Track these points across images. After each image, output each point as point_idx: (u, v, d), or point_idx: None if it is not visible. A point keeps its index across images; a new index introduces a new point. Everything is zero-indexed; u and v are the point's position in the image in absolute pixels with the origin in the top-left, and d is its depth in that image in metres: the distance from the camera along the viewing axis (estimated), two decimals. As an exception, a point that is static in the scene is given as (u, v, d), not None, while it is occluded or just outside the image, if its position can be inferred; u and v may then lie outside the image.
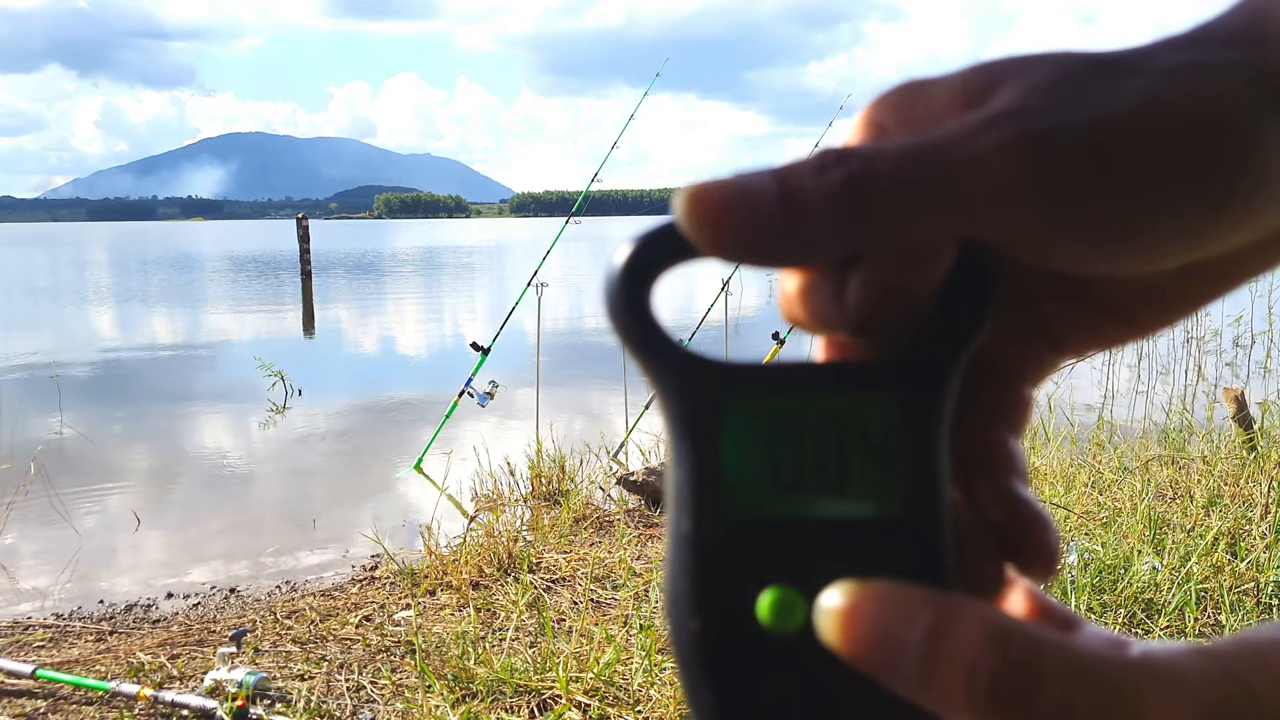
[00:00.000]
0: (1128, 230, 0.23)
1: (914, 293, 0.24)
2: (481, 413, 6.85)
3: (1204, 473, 4.69)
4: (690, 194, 0.23)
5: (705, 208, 0.23)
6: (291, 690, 3.12)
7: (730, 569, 0.24)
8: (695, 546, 0.24)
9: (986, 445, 0.27)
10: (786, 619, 0.24)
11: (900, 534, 0.24)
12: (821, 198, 0.22)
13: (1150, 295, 0.26)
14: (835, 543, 0.24)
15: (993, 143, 0.22)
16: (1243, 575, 3.49)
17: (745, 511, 0.24)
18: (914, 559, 0.24)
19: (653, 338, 0.25)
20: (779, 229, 0.23)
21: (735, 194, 0.23)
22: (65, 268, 37.94)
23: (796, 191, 0.23)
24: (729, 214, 0.23)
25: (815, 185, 0.22)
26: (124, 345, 13.70)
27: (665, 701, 2.79)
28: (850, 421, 0.25)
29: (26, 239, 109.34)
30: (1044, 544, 0.26)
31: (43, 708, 3.09)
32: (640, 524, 4.86)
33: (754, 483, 0.24)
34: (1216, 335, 10.07)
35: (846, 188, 0.22)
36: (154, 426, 8.32)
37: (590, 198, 7.05)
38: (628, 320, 0.25)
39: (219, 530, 5.52)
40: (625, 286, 0.24)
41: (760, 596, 0.24)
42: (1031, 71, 0.23)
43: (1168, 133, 0.22)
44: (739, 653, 0.24)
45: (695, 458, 0.24)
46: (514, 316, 6.72)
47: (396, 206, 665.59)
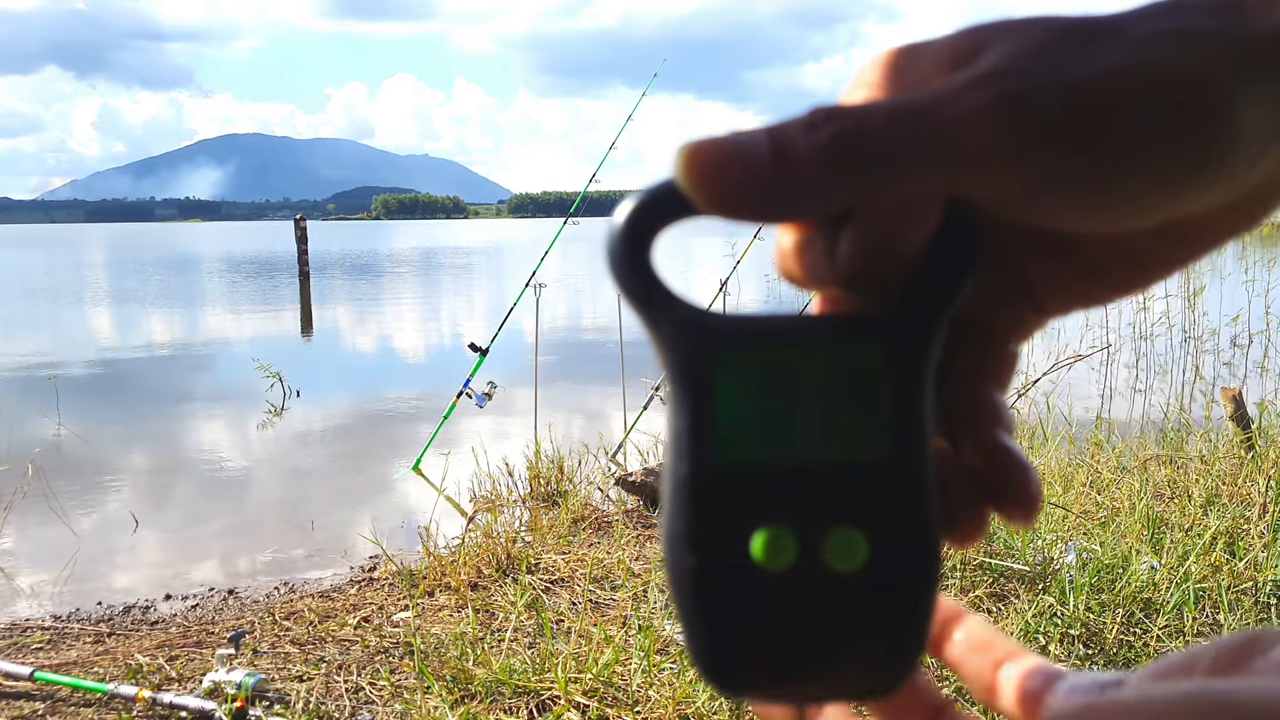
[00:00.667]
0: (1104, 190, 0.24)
1: (902, 249, 0.25)
2: (480, 413, 6.85)
3: (1202, 472, 4.69)
4: (687, 152, 0.24)
5: (701, 165, 0.24)
6: (290, 691, 3.12)
7: (724, 511, 0.25)
8: (691, 490, 0.25)
9: (972, 398, 0.28)
10: (778, 557, 0.25)
11: (886, 479, 0.25)
12: (812, 154, 0.23)
13: (1130, 255, 0.27)
14: (824, 486, 0.25)
15: (975, 103, 0.23)
16: (1241, 574, 3.49)
17: (738, 457, 0.25)
18: (899, 502, 0.25)
19: (652, 291, 0.26)
20: (771, 185, 0.23)
21: (729, 151, 0.24)
22: (63, 269, 37.90)
23: (788, 148, 0.23)
24: (723, 171, 0.23)
25: (806, 142, 0.23)
26: (122, 346, 13.68)
27: (664, 702, 2.79)
28: (839, 371, 0.26)
29: (24, 240, 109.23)
30: (1025, 489, 0.28)
31: (41, 709, 3.08)
32: (639, 525, 4.86)
33: (747, 430, 0.25)
34: (1214, 335, 10.07)
35: (835, 144, 0.23)
36: (152, 428, 8.31)
37: (588, 198, 7.05)
38: (628, 275, 0.26)
39: (217, 531, 5.51)
40: (626, 242, 0.25)
41: (753, 536, 0.25)
42: (1016, 34, 0.24)
43: (1146, 96, 0.23)
44: (733, 589, 0.25)
45: (691, 406, 0.25)
46: (512, 317, 6.72)
47: (394, 207, 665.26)
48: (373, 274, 32.52)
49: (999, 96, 0.23)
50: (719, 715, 2.74)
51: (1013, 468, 0.28)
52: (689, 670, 2.88)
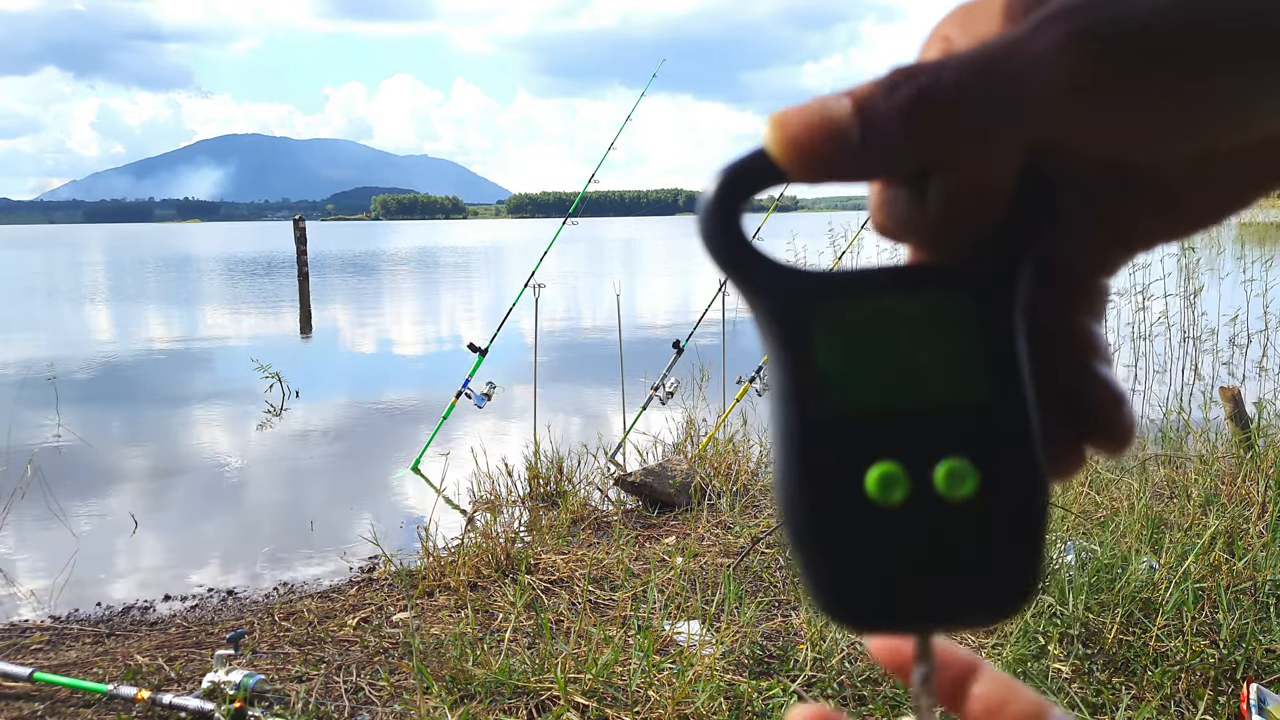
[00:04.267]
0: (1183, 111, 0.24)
1: (989, 196, 0.26)
2: (479, 414, 6.85)
3: (1201, 471, 4.69)
4: (775, 120, 0.25)
5: (790, 133, 0.25)
6: (289, 692, 3.12)
7: (835, 453, 0.26)
8: (801, 437, 0.26)
9: (1067, 329, 0.29)
10: (891, 491, 0.26)
11: (987, 413, 0.26)
12: (896, 113, 0.24)
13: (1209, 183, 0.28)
14: (929, 425, 0.26)
15: (1047, 42, 0.24)
16: (1240, 574, 3.49)
17: (843, 404, 0.26)
18: (1002, 432, 0.26)
19: (747, 255, 0.27)
20: (859, 147, 0.24)
21: (817, 117, 0.25)
22: (62, 270, 37.88)
23: (872, 110, 0.24)
24: (812, 136, 0.25)
25: (889, 103, 0.24)
26: (121, 347, 13.67)
27: (664, 702, 2.78)
28: (932, 318, 0.27)
29: (23, 241, 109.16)
30: (1118, 421, 0.29)
31: (40, 710, 3.08)
32: (638, 525, 4.86)
33: (849, 378, 0.26)
34: (1213, 334, 10.08)
35: (917, 101, 0.24)
36: (151, 429, 8.31)
37: (587, 198, 7.05)
38: (722, 242, 0.26)
39: (216, 532, 5.51)
40: (718, 212, 0.26)
41: (868, 472, 0.26)
42: None
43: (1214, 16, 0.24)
44: (851, 526, 0.26)
45: (794, 358, 0.26)
46: (511, 317, 6.72)
47: (394, 208, 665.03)
48: (372, 274, 32.50)
49: (1071, 32, 0.24)
50: (719, 715, 2.74)
51: (1106, 399, 0.29)
52: (689, 670, 2.88)
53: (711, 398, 6.63)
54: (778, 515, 0.28)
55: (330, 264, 37.36)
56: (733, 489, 5.06)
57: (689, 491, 5.06)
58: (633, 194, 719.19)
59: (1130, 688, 2.93)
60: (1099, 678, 2.99)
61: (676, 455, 5.82)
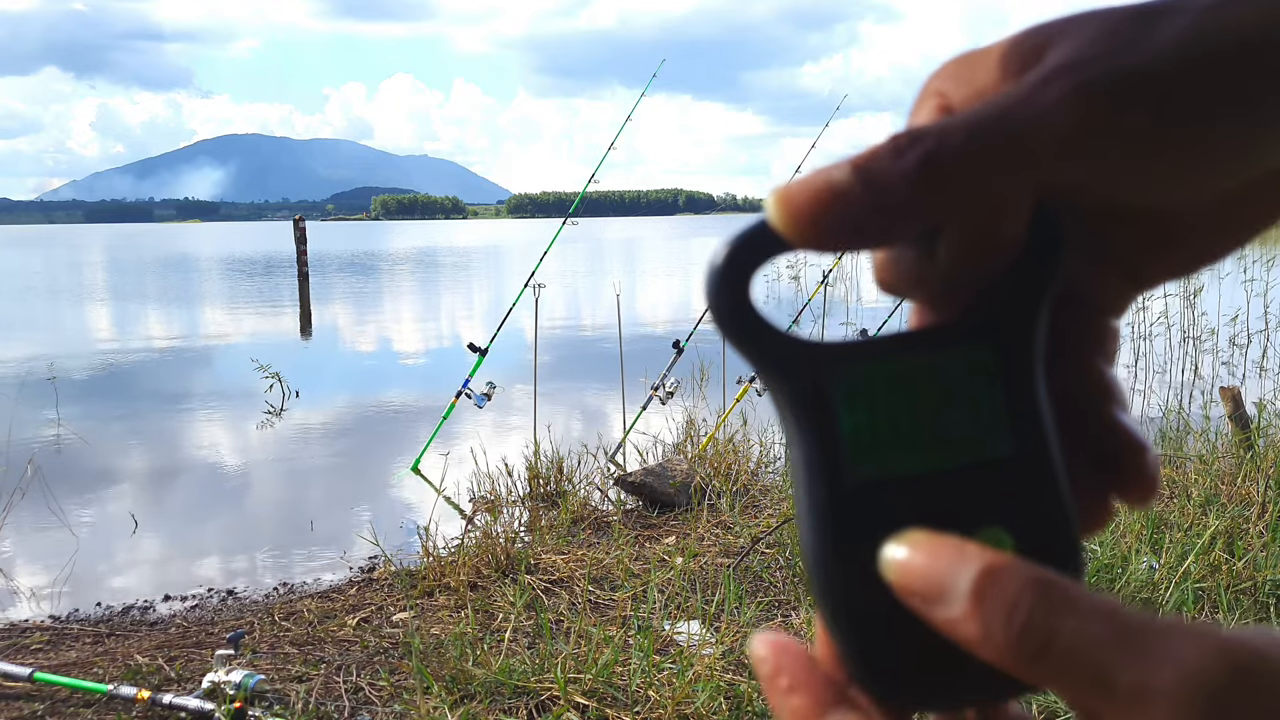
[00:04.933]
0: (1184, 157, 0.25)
1: (999, 248, 0.26)
2: (479, 414, 6.85)
3: (1201, 471, 4.70)
4: (780, 195, 0.25)
5: (796, 205, 0.25)
6: (289, 692, 3.12)
7: (865, 524, 0.26)
8: (829, 509, 0.26)
9: (1083, 375, 0.29)
10: None
11: (1017, 473, 0.26)
12: (902, 179, 0.24)
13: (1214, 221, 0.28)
14: (958, 489, 0.26)
15: (1054, 96, 0.24)
16: (1240, 574, 3.49)
17: (869, 471, 0.26)
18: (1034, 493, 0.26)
19: (758, 329, 0.26)
20: (867, 214, 0.24)
21: (822, 188, 0.24)
22: (62, 270, 37.88)
23: (878, 177, 0.24)
24: (819, 207, 0.24)
25: (895, 168, 0.24)
26: (121, 347, 13.68)
27: (664, 702, 2.78)
28: (951, 376, 0.26)
29: (23, 241, 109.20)
30: (1143, 469, 0.28)
31: (40, 710, 3.08)
32: (638, 525, 4.86)
33: (873, 444, 0.26)
34: (1213, 334, 10.08)
35: (924, 164, 0.24)
36: (151, 429, 8.31)
37: (587, 198, 7.05)
38: (732, 317, 0.26)
39: (216, 532, 5.51)
40: (725, 286, 0.26)
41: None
42: (1079, 28, 0.25)
43: (1212, 63, 0.24)
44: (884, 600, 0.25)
45: (815, 431, 0.26)
46: (511, 317, 6.72)
47: (393, 208, 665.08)
48: (372, 274, 32.51)
49: (1077, 86, 0.24)
50: (719, 715, 2.74)
51: (1130, 447, 0.28)
52: (689, 670, 2.88)
53: (711, 398, 6.64)
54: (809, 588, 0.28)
55: (330, 264, 37.37)
56: (733, 489, 5.06)
57: (689, 491, 5.06)
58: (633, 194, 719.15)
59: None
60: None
61: (676, 455, 5.82)
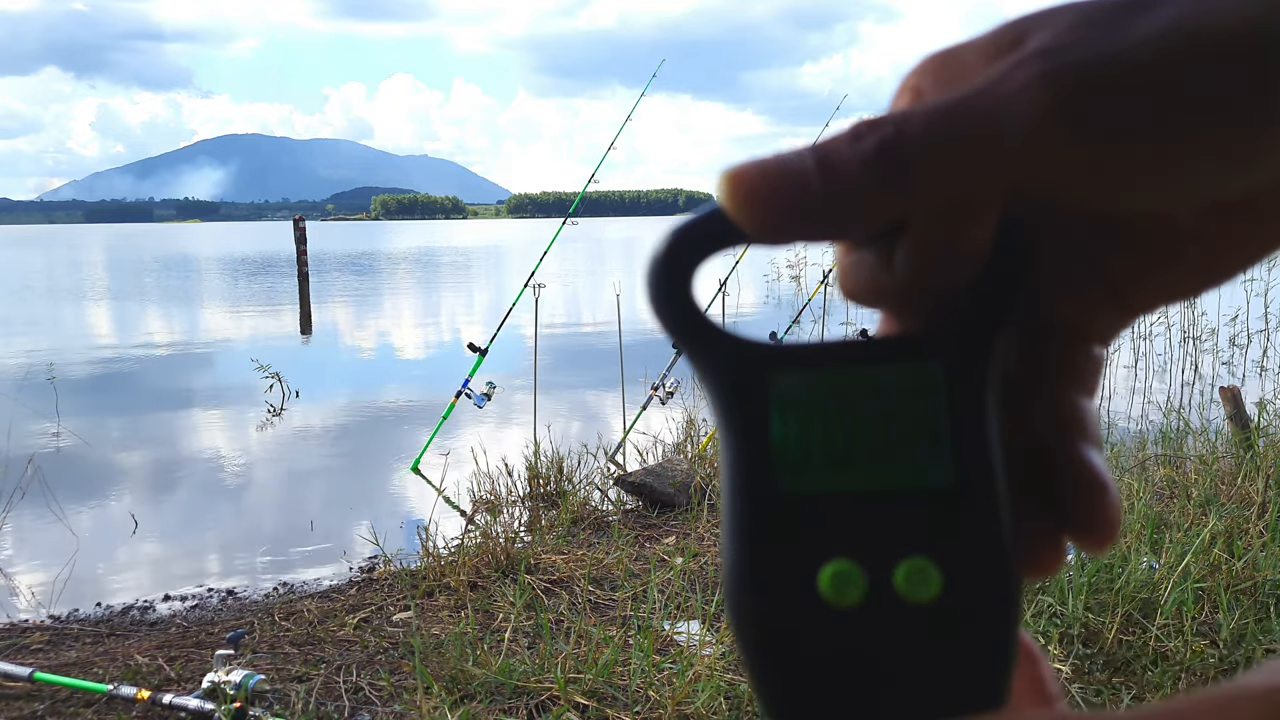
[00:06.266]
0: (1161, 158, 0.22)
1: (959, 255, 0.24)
2: (479, 414, 6.85)
3: (1201, 471, 4.70)
4: (730, 174, 0.23)
5: (746, 187, 0.23)
6: (289, 692, 3.12)
7: (786, 546, 0.24)
8: (750, 527, 0.24)
9: (1054, 407, 0.27)
10: (847, 591, 0.23)
11: (954, 504, 0.24)
12: (859, 165, 0.22)
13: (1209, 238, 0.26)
14: (889, 514, 0.24)
15: (1019, 84, 0.22)
16: (1240, 574, 3.49)
17: (797, 489, 0.24)
18: (970, 527, 0.24)
19: (695, 324, 0.25)
20: (820, 200, 0.23)
21: (774, 171, 0.23)
22: (62, 270, 37.88)
23: (834, 162, 0.23)
24: (770, 190, 0.23)
25: (851, 154, 0.23)
26: (121, 347, 13.68)
27: (664, 702, 2.79)
28: (896, 393, 0.24)
29: (23, 241, 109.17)
30: (1100, 511, 0.26)
31: (40, 710, 3.08)
32: (638, 525, 4.86)
33: (804, 459, 0.24)
34: (1213, 334, 10.08)
35: (881, 152, 0.22)
36: (151, 429, 8.31)
37: (587, 198, 7.05)
38: (669, 309, 0.25)
39: (216, 532, 5.51)
40: (664, 275, 0.25)
41: (821, 570, 0.24)
42: (1060, 16, 0.23)
43: (1197, 57, 0.22)
44: (802, 629, 0.24)
45: (745, 438, 0.24)
46: (511, 317, 6.72)
47: (393, 208, 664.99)
48: (372, 274, 32.50)
49: (1045, 72, 0.22)
50: (719, 715, 2.74)
51: (1088, 486, 0.26)
52: (689, 670, 2.88)
53: (711, 398, 6.63)
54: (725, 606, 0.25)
55: (330, 264, 37.37)
56: (733, 489, 5.06)
57: (689, 491, 5.06)
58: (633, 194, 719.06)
59: (1130, 688, 2.93)
60: (1099, 678, 3.00)
61: (676, 455, 5.83)
